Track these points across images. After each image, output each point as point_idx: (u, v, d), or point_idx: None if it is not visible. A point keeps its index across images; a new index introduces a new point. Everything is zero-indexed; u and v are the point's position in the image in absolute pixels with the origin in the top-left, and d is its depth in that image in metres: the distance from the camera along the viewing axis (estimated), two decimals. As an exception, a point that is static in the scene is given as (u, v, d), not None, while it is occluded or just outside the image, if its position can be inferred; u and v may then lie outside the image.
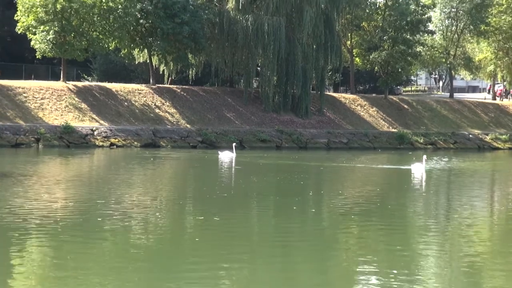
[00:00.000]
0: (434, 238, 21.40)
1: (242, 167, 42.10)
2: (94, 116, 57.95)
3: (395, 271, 16.60)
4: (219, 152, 48.21)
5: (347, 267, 17.56)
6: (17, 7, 56.12)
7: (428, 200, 31.48)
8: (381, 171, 44.80)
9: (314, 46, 69.66)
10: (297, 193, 31.70)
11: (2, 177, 32.39)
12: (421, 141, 71.99)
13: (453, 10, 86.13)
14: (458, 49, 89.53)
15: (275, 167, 45.12)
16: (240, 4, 66.27)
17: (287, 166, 45.97)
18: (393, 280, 15.76)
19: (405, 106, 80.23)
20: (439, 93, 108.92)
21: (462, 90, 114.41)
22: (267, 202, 28.67)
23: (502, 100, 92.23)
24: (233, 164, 43.74)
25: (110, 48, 62.05)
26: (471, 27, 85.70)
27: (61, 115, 56.38)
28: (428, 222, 25.19)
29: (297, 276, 16.42)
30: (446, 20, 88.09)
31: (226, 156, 46.39)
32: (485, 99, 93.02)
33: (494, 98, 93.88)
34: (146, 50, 63.93)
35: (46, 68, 72.41)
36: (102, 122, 57.37)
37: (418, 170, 40.50)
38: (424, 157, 41.70)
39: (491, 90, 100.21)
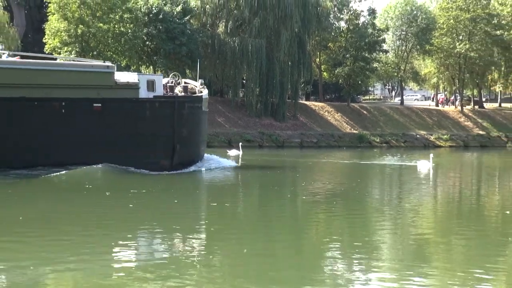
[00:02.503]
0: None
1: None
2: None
3: (357, 249, 17.17)
4: (228, 151, 48.07)
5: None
6: (45, 32, 56.12)
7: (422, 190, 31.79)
8: (381, 167, 43.81)
9: (290, 63, 70.00)
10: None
11: None
12: (377, 140, 72.51)
13: (403, 32, 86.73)
14: (407, 65, 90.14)
15: (275, 162, 45.01)
16: (228, 29, 66.65)
17: (287, 162, 46.04)
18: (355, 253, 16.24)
19: (364, 112, 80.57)
20: (392, 101, 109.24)
21: (411, 98, 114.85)
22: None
23: (443, 107, 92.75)
24: (240, 160, 43.43)
25: (122, 65, 62.00)
26: (418, 46, 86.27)
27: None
28: (385, 207, 25.70)
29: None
30: (398, 41, 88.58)
31: (234, 153, 46.49)
32: (429, 106, 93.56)
33: (437, 105, 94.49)
34: (151, 67, 64.08)
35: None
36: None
37: (424, 166, 40.26)
38: (431, 155, 41.58)
39: (434, 99, 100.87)
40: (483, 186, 35.30)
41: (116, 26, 55.50)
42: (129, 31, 56.20)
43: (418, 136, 76.73)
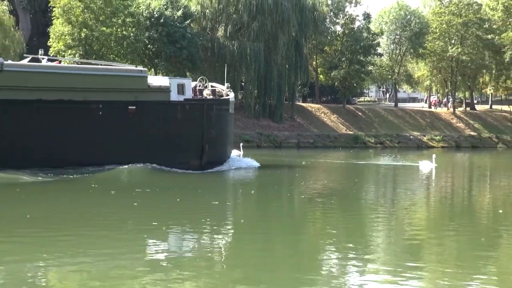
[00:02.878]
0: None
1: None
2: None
3: (351, 245, 17.30)
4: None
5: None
6: (49, 35, 56.19)
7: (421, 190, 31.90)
8: (381, 168, 44.03)
9: (287, 66, 70.14)
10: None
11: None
12: (372, 141, 72.66)
13: (397, 36, 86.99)
14: (401, 68, 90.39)
15: (274, 162, 45.22)
16: (228, 33, 66.73)
17: (294, 162, 46.15)
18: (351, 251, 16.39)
19: (359, 113, 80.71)
20: (386, 103, 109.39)
21: (404, 100, 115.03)
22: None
23: (436, 108, 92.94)
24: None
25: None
26: (412, 50, 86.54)
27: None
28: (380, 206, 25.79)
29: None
30: (392, 45, 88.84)
31: (235, 153, 46.53)
32: (422, 107, 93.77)
33: (429, 107, 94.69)
34: (153, 69, 64.09)
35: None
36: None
37: (426, 166, 40.33)
38: (434, 155, 41.63)
39: (427, 100, 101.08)
40: (484, 186, 35.41)
41: (118, 30, 55.61)
42: (131, 34, 56.29)
43: (411, 137, 76.90)
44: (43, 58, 34.15)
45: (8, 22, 50.51)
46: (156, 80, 35.62)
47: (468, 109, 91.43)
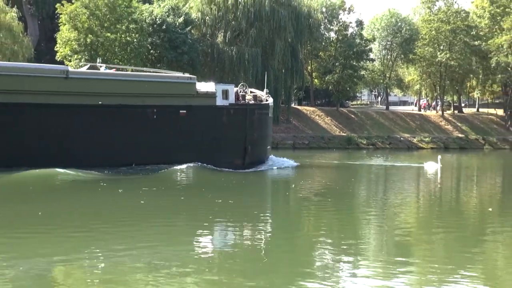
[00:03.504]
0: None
1: None
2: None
3: (343, 241, 17.35)
4: None
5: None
6: (56, 41, 56.22)
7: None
8: (389, 168, 44.24)
9: (283, 70, 70.03)
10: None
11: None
12: (364, 142, 72.76)
13: (388, 42, 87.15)
14: (392, 72, 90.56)
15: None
16: (227, 39, 66.71)
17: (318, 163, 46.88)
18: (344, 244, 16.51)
19: (352, 116, 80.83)
20: (378, 106, 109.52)
21: (395, 103, 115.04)
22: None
23: (425, 111, 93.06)
24: None
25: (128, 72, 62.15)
26: (402, 56, 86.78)
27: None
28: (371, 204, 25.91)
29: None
30: (383, 51, 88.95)
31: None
32: (412, 110, 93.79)
33: (419, 110, 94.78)
34: (155, 74, 64.10)
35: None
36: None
37: (431, 167, 40.59)
38: (439, 157, 41.88)
39: (417, 104, 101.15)
40: (484, 185, 35.70)
41: (122, 35, 55.60)
42: (135, 40, 56.30)
43: (402, 138, 77.01)
44: (101, 66, 35.48)
45: (17, 28, 50.47)
46: (203, 86, 36.96)
47: (456, 112, 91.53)
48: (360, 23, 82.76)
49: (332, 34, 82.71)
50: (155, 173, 31.58)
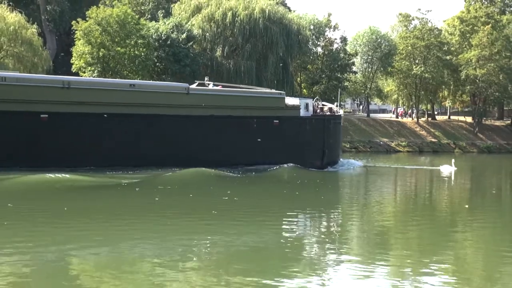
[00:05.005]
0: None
1: None
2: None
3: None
4: None
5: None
6: (72, 54, 56.37)
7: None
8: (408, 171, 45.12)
9: (275, 81, 69.98)
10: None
11: None
12: (348, 146, 72.92)
13: (369, 57, 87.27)
14: (372, 83, 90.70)
15: None
16: (225, 53, 66.98)
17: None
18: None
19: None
20: (359, 113, 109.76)
21: (375, 111, 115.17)
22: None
23: (402, 118, 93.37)
24: None
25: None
26: (382, 68, 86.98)
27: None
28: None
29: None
30: (365, 64, 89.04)
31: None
32: (391, 117, 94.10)
33: (397, 117, 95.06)
34: (160, 84, 64.12)
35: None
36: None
37: (446, 170, 41.14)
38: (453, 160, 42.24)
39: (395, 112, 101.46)
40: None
41: (131, 50, 55.77)
42: (142, 54, 56.47)
43: (381, 142, 77.30)
44: (208, 84, 39.27)
45: (37, 43, 50.58)
46: (290, 100, 40.36)
47: (429, 119, 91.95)
48: (344, 39, 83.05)
49: (319, 49, 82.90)
50: (263, 172, 34.65)
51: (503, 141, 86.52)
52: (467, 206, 24.31)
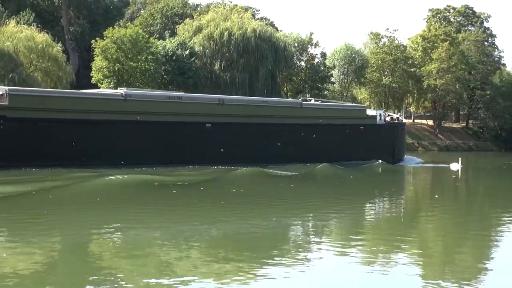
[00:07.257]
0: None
1: None
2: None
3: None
4: None
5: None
6: (91, 68, 56.53)
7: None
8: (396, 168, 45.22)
9: (265, 91, 69.86)
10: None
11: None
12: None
13: (345, 69, 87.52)
14: (348, 92, 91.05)
15: None
16: (222, 66, 67.08)
17: None
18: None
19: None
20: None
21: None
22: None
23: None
24: None
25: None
26: (356, 79, 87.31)
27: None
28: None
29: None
30: (341, 75, 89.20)
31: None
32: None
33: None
34: (167, 93, 64.10)
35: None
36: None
37: (455, 167, 41.44)
38: (460, 159, 42.56)
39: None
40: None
41: (142, 64, 55.93)
42: (152, 68, 56.62)
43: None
44: (310, 100, 44.41)
45: (61, 59, 50.75)
46: (369, 111, 44.83)
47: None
48: (323, 55, 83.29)
49: (302, 63, 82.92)
50: (360, 166, 37.93)
51: (459, 140, 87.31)
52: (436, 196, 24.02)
